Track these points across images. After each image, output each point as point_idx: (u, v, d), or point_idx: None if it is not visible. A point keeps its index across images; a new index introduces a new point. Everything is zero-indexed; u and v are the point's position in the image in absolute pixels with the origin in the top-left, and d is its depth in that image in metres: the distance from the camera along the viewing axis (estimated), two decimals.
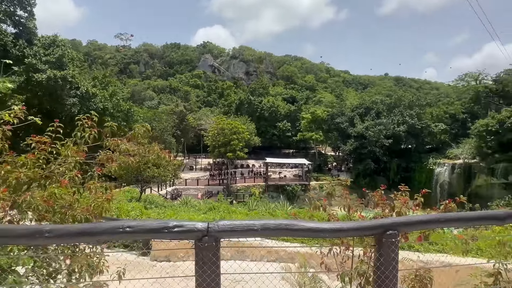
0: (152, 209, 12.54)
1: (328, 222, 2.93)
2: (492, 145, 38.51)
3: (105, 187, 4.49)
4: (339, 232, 2.42)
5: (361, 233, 2.45)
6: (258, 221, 2.38)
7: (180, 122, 53.07)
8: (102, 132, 4.31)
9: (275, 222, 2.40)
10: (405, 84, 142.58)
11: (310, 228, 2.38)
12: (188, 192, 39.03)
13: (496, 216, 2.58)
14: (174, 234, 2.25)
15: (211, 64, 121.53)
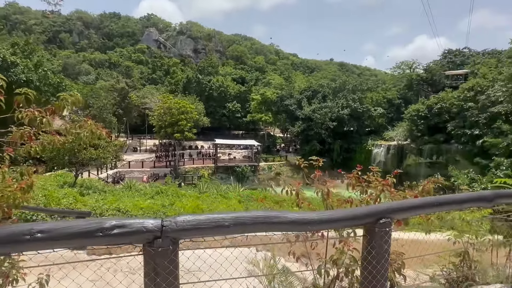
0: (90, 195, 11.20)
1: (314, 211, 2.50)
2: (422, 128, 42.60)
3: (21, 172, 3.54)
4: (329, 223, 2.00)
5: (353, 223, 2.07)
6: (228, 214, 1.84)
7: (122, 100, 49.01)
8: (14, 102, 3.30)
9: (250, 215, 1.89)
10: (348, 70, 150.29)
11: (294, 220, 1.91)
12: (132, 175, 36.68)
13: (484, 197, 2.43)
14: (113, 238, 1.61)
15: (156, 39, 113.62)
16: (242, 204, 10.16)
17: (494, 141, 28.64)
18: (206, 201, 10.58)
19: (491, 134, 31.12)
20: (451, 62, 59.41)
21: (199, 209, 7.67)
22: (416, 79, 54.89)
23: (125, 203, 7.86)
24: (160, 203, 8.13)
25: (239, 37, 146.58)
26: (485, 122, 32.25)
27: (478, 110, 34.58)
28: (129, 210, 6.99)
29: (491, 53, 57.25)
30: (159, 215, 7.06)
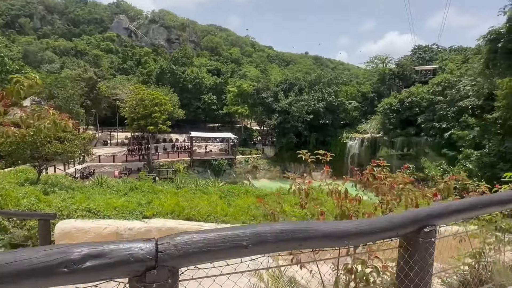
0: (56, 193, 10.23)
1: (349, 220, 2.07)
2: (394, 121, 43.96)
3: None
4: (369, 236, 1.59)
5: (393, 234, 1.68)
6: (246, 230, 1.39)
7: (90, 91, 46.30)
8: None
9: (273, 229, 1.45)
10: (322, 64, 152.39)
11: (328, 233, 1.48)
12: (103, 169, 34.88)
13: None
14: (84, 274, 1.09)
15: (126, 27, 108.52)
16: (223, 200, 9.66)
17: (461, 133, 30.01)
18: (185, 197, 9.97)
19: (458, 127, 32.61)
20: (421, 57, 61.68)
21: (179, 206, 7.10)
22: (389, 73, 56.43)
23: (96, 202, 7.13)
24: (136, 200, 7.45)
25: (214, 27, 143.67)
26: (453, 116, 33.71)
27: (446, 104, 36.07)
28: (101, 210, 6.29)
29: (457, 50, 59.99)
30: (135, 215, 6.44)
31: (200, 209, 7.38)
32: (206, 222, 7.04)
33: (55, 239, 5.63)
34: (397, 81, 57.23)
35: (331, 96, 51.75)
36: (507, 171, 13.70)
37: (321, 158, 3.09)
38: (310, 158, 3.04)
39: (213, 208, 7.81)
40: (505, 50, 16.49)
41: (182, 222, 6.65)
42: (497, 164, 17.22)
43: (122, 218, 6.37)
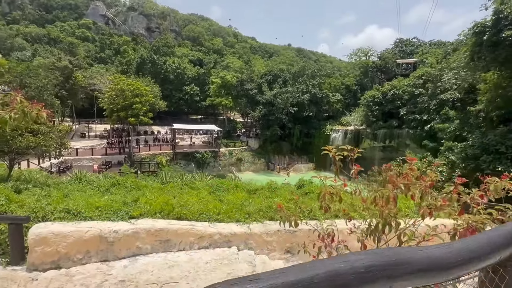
0: (29, 190, 9.39)
1: (441, 245, 1.60)
2: (376, 114, 44.54)
3: None
4: (472, 264, 1.17)
5: (497, 258, 1.27)
6: (317, 268, 0.93)
7: (66, 80, 43.94)
8: None
9: (354, 266, 0.99)
10: (305, 56, 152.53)
11: (426, 265, 1.05)
12: (81, 163, 33.43)
13: None
14: None
15: (103, 14, 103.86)
16: (213, 195, 9.17)
17: (442, 126, 30.69)
18: (171, 192, 9.41)
19: (439, 119, 33.34)
20: (402, 51, 62.63)
21: (168, 205, 6.57)
22: (371, 66, 56.97)
23: (76, 201, 6.47)
24: (120, 199, 6.83)
25: (195, 17, 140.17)
26: (434, 109, 34.41)
27: (428, 97, 36.77)
28: (81, 211, 5.66)
29: (436, 44, 61.30)
30: (121, 215, 5.86)
31: (191, 207, 6.87)
32: (198, 221, 6.55)
33: (29, 246, 4.98)
34: (379, 74, 57.94)
35: (315, 88, 51.75)
36: (490, 163, 13.88)
37: (347, 154, 2.63)
38: (337, 156, 2.58)
39: (205, 205, 7.32)
40: (490, 43, 16.70)
41: (172, 222, 6.13)
42: (480, 156, 17.61)
43: (106, 219, 5.77)
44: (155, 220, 6.09)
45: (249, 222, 6.82)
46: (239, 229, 6.52)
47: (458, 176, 15.57)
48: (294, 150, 55.80)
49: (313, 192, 10.42)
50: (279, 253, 6.84)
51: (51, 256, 5.01)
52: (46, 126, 11.38)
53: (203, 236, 6.15)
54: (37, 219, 5.61)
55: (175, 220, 6.32)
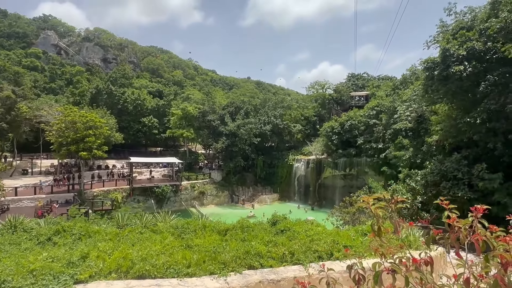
0: None
1: None
2: (336, 143, 46.15)
3: None
4: None
5: None
6: None
7: (7, 112, 39.83)
8: None
9: None
10: (264, 88, 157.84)
11: None
12: (21, 204, 29.46)
13: None
14: None
15: (55, 44, 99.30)
16: (179, 240, 8.03)
17: (398, 153, 32.33)
18: (129, 239, 8.11)
19: (394, 147, 35.24)
20: (354, 84, 67.23)
21: (127, 260, 5.39)
22: (328, 98, 59.96)
23: (3, 264, 5.06)
24: (64, 255, 5.50)
25: (155, 49, 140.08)
26: (390, 138, 36.39)
27: (382, 127, 38.99)
28: (7, 280, 4.32)
29: (384, 78, 66.89)
30: (64, 281, 4.60)
31: (155, 261, 5.73)
32: (164, 278, 5.41)
33: None
34: (336, 105, 61.07)
35: (277, 119, 52.74)
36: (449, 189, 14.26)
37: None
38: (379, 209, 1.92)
39: (171, 256, 6.20)
40: (441, 77, 18.20)
41: (132, 284, 4.95)
42: (440, 183, 18.42)
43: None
44: (110, 283, 4.87)
45: (225, 274, 5.82)
46: (214, 284, 5.50)
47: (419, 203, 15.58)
48: (258, 181, 55.22)
49: (289, 230, 9.68)
50: None
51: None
52: None
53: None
54: None
55: (136, 280, 5.14)
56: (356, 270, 2.03)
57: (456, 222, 2.00)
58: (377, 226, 1.84)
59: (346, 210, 15.62)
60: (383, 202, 1.95)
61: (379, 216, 1.84)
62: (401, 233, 2.15)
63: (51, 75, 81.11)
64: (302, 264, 6.68)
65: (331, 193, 48.49)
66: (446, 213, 2.07)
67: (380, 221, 1.84)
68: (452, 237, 2.00)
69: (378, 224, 1.84)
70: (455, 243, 2.02)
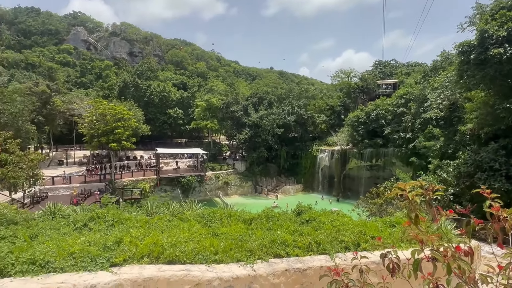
0: None
1: None
2: (362, 133, 44.91)
3: None
4: None
5: None
6: None
7: (43, 106, 42.19)
8: None
9: None
10: (287, 78, 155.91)
11: None
12: (58, 192, 31.38)
13: None
14: None
15: (84, 39, 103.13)
16: (206, 228, 8.19)
17: (428, 143, 30.99)
18: (159, 226, 8.37)
19: (423, 137, 33.78)
20: (382, 72, 64.78)
21: (158, 246, 5.59)
22: (353, 87, 58.24)
23: (45, 246, 5.39)
24: (100, 239, 5.80)
25: (179, 41, 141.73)
26: (419, 127, 34.93)
27: (411, 116, 37.45)
28: (50, 261, 4.62)
29: (414, 65, 63.89)
30: (101, 263, 4.85)
31: (184, 247, 5.90)
32: (193, 264, 5.58)
33: None
34: (362, 94, 59.23)
35: (301, 109, 52.05)
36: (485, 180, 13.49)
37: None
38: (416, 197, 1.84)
39: (199, 243, 6.36)
40: (478, 61, 17.05)
41: (163, 268, 5.15)
42: (474, 174, 17.48)
43: (82, 270, 4.74)
44: (143, 267, 5.09)
45: (252, 262, 5.91)
46: (241, 271, 5.60)
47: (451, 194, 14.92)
48: (282, 171, 55.15)
49: (314, 220, 9.62)
50: None
51: None
52: (16, 155, 10.21)
53: (200, 283, 5.18)
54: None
55: (166, 264, 5.34)
56: (391, 259, 1.97)
57: (500, 211, 1.90)
58: (415, 214, 1.77)
59: (373, 201, 15.26)
60: (420, 190, 1.87)
61: (416, 203, 1.77)
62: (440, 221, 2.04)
63: (82, 69, 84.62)
64: (329, 254, 6.63)
65: (356, 184, 47.55)
66: (488, 202, 1.96)
67: (417, 208, 1.77)
68: (496, 227, 1.90)
69: (415, 211, 1.77)
70: (500, 233, 1.92)
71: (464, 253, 1.85)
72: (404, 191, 1.81)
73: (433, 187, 1.93)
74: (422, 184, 1.87)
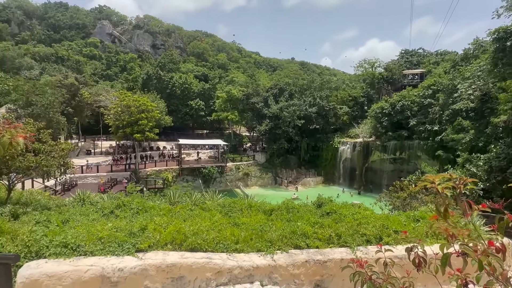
0: (28, 215, 8.64)
1: None
2: (386, 125, 43.59)
3: None
4: None
5: None
6: None
7: (72, 98, 43.97)
8: None
9: None
10: (309, 69, 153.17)
11: None
12: (86, 181, 32.86)
13: None
14: None
15: (109, 33, 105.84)
16: (227, 218, 8.32)
17: (457, 136, 29.64)
18: (181, 215, 8.59)
19: (451, 129, 32.31)
20: (408, 61, 62.22)
21: (180, 233, 5.75)
22: (378, 77, 56.41)
23: (76, 230, 5.68)
24: (126, 226, 6.04)
25: (200, 33, 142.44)
26: (447, 119, 33.45)
27: (439, 107, 35.88)
28: (81, 245, 4.87)
29: (442, 54, 60.85)
30: (127, 248, 5.06)
31: (206, 236, 6.03)
32: (214, 252, 5.70)
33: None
34: (386, 85, 57.31)
35: (323, 101, 51.16)
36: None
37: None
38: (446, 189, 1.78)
39: (220, 232, 6.48)
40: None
41: (186, 255, 5.30)
42: (507, 168, 16.57)
43: (110, 254, 4.97)
44: (166, 253, 5.26)
45: (272, 252, 5.95)
46: (261, 261, 5.66)
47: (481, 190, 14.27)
48: (302, 163, 54.78)
49: (335, 212, 9.52)
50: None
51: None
52: (48, 145, 10.75)
53: (221, 271, 5.30)
54: (30, 254, 4.83)
55: (189, 252, 5.49)
56: (417, 253, 1.92)
57: None
58: (444, 207, 1.70)
59: (396, 195, 14.85)
60: (451, 182, 1.79)
61: (446, 196, 1.70)
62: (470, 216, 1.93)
63: (107, 62, 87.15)
64: (350, 247, 6.57)
65: (378, 178, 46.47)
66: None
67: (447, 202, 1.70)
68: None
69: (445, 205, 1.70)
70: None
71: (496, 249, 1.76)
72: (433, 184, 1.74)
73: (465, 181, 1.84)
74: (452, 177, 1.79)
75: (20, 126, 2.15)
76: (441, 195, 1.71)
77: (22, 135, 2.01)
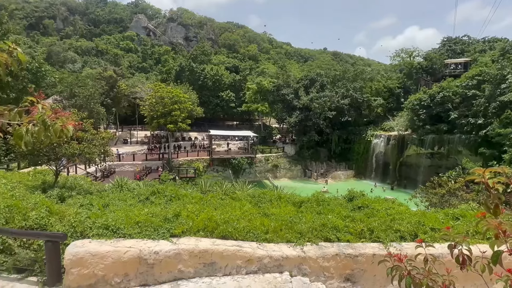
0: (72, 198, 9.30)
1: None
2: (423, 118, 41.31)
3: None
4: None
5: None
6: None
7: (110, 89, 46.30)
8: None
9: None
10: (342, 59, 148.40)
11: None
12: (123, 168, 34.64)
13: None
14: None
15: (145, 26, 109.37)
16: (257, 208, 8.39)
17: (505, 131, 27.47)
18: (212, 203, 8.81)
19: (499, 123, 29.95)
20: (451, 50, 58.20)
21: (212, 221, 5.92)
22: (416, 67, 53.40)
23: (116, 214, 6.03)
24: (161, 212, 6.32)
25: (231, 25, 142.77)
26: (494, 112, 31.04)
27: (485, 99, 33.36)
28: (120, 228, 5.17)
29: (490, 41, 56.17)
30: (162, 233, 5.32)
31: (237, 224, 6.15)
32: (245, 241, 5.80)
33: (65, 267, 4.55)
34: (425, 75, 54.11)
35: (356, 92, 49.47)
36: None
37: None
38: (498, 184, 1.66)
39: (250, 221, 6.56)
40: None
41: (217, 242, 5.44)
42: None
43: (146, 237, 5.23)
44: (198, 239, 5.44)
45: (302, 244, 5.94)
46: (291, 252, 5.67)
47: None
48: (332, 156, 53.75)
49: (367, 207, 9.26)
50: (337, 281, 5.87)
51: (88, 279, 4.54)
52: (90, 134, 11.45)
53: (251, 259, 5.39)
54: (75, 234, 5.22)
55: (220, 239, 5.63)
56: (461, 250, 1.82)
57: None
58: (495, 203, 1.58)
59: (434, 191, 14.09)
60: (503, 177, 1.66)
61: (498, 191, 1.58)
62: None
63: (143, 55, 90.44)
64: (382, 242, 6.38)
65: (414, 173, 44.41)
66: None
67: (499, 197, 1.59)
68: None
69: (496, 200, 1.58)
70: None
71: None
72: (482, 178, 1.63)
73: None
74: (505, 171, 1.66)
75: (70, 115, 2.30)
76: (492, 190, 1.60)
77: (72, 122, 2.16)
